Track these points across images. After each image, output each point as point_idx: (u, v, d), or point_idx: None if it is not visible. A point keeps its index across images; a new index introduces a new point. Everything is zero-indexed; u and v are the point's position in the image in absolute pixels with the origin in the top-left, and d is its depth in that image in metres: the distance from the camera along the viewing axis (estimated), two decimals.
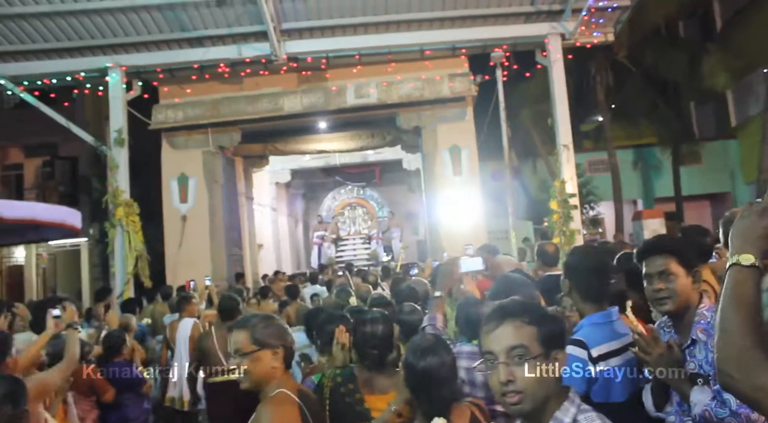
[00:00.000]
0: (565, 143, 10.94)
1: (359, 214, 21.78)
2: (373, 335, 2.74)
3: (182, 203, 12.03)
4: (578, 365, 2.42)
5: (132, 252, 10.39)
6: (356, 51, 11.23)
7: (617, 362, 2.44)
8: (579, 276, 2.64)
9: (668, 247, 2.28)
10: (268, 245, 17.39)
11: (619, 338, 2.51)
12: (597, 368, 2.41)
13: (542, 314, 1.57)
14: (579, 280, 2.64)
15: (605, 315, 2.57)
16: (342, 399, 2.64)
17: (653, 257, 2.27)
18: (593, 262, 2.68)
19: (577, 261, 2.71)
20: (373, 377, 2.74)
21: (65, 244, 17.43)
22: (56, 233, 9.42)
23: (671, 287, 2.21)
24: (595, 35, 11.30)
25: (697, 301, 2.20)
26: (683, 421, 2.17)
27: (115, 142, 10.79)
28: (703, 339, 2.11)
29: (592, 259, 2.72)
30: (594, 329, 2.51)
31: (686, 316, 2.22)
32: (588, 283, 2.61)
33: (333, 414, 2.63)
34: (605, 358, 2.43)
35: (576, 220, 10.76)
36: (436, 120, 12.10)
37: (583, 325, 2.57)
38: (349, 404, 2.62)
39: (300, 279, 12.71)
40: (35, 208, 8.06)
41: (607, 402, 2.40)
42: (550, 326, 1.54)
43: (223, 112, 11.90)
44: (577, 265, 2.68)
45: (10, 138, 18.04)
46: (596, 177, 18.15)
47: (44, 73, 11.01)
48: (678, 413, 2.18)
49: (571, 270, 2.68)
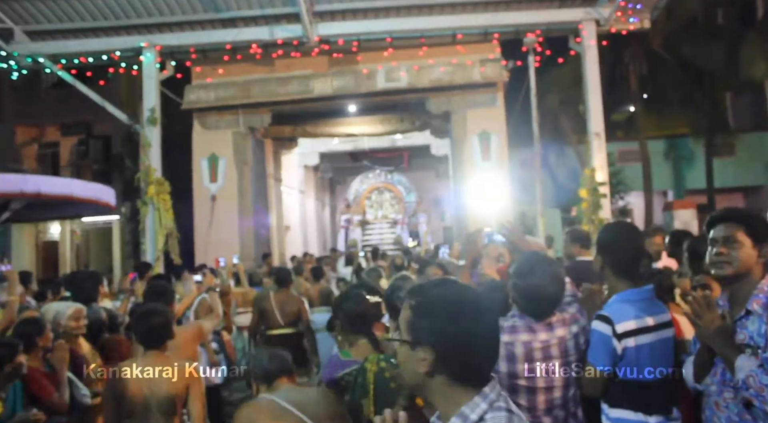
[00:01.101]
0: (596, 131, 10.82)
1: (386, 198, 21.84)
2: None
3: (212, 183, 12.19)
4: (601, 340, 2.42)
5: (162, 229, 10.59)
6: (388, 34, 11.20)
7: (649, 340, 2.42)
8: (612, 251, 2.61)
9: (738, 216, 2.24)
10: (295, 227, 17.54)
11: (653, 315, 2.48)
12: (623, 344, 2.40)
13: None
14: (612, 255, 2.61)
15: (638, 292, 2.54)
16: (387, 384, 2.61)
17: (721, 224, 2.24)
18: (627, 237, 2.65)
19: (611, 236, 2.68)
20: None
21: (98, 221, 17.79)
22: (91, 210, 9.65)
23: (734, 254, 2.18)
24: (631, 22, 11.10)
25: (760, 276, 2.17)
26: (723, 391, 2.16)
27: (148, 121, 10.96)
28: (759, 311, 2.08)
29: (625, 234, 2.69)
30: (623, 305, 2.49)
31: (745, 288, 2.19)
32: (622, 259, 2.59)
33: (379, 399, 2.61)
34: (633, 334, 2.41)
35: (605, 209, 10.65)
36: (466, 105, 12.03)
37: (613, 300, 2.55)
38: (395, 389, 2.57)
39: (326, 261, 12.84)
40: (72, 185, 8.27)
41: (637, 379, 2.41)
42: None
43: (254, 94, 11.98)
44: (610, 241, 2.65)
45: (47, 117, 18.42)
46: (627, 167, 17.88)
47: (81, 52, 11.20)
48: (719, 384, 2.17)
49: (604, 245, 2.66)
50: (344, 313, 3.16)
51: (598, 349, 2.44)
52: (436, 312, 1.34)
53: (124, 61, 11.55)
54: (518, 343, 2.45)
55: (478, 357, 1.34)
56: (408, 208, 21.43)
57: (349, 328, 3.14)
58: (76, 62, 11.36)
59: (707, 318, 2.13)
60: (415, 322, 1.36)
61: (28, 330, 3.68)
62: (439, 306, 1.34)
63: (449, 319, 1.32)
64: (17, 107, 18.02)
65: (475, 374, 1.35)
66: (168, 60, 11.48)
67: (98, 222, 17.93)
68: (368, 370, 2.66)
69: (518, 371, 2.45)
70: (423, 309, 1.36)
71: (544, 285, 2.46)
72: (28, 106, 17.74)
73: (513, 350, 2.45)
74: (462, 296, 1.36)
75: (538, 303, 2.49)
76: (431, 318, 1.34)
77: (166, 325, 3.37)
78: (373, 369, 2.66)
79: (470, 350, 1.32)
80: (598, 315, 2.48)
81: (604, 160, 10.93)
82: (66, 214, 10.53)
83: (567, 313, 2.58)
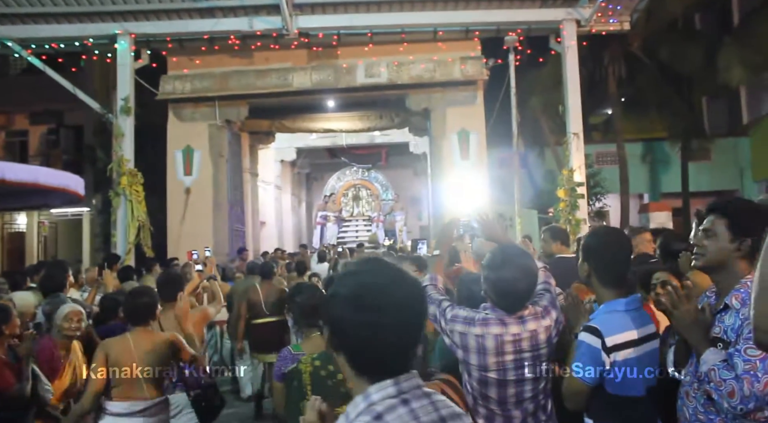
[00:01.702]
0: (575, 131, 10.84)
1: (363, 195, 21.72)
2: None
3: (186, 176, 11.96)
4: (588, 352, 2.32)
5: (134, 221, 10.36)
6: (368, 29, 11.09)
7: (636, 354, 2.33)
8: (600, 259, 2.49)
9: (723, 209, 2.17)
10: (271, 223, 17.34)
11: (639, 328, 2.39)
12: (611, 358, 2.30)
13: None
14: (599, 263, 2.49)
15: (626, 302, 2.43)
16: (324, 382, 2.59)
17: (709, 215, 2.20)
18: (616, 244, 2.53)
19: (599, 242, 2.55)
20: None
21: (67, 212, 17.38)
22: (59, 199, 9.36)
23: (707, 245, 2.14)
24: (612, 23, 11.15)
25: (746, 271, 2.09)
26: (694, 382, 2.12)
27: (122, 111, 10.70)
28: (737, 307, 2.03)
29: (614, 240, 2.56)
30: (612, 317, 2.39)
31: (726, 281, 2.13)
32: (610, 267, 2.48)
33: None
34: (623, 347, 2.32)
35: (582, 210, 10.68)
36: (445, 103, 11.98)
37: (601, 311, 2.45)
38: (332, 387, 2.57)
39: (296, 258, 12.68)
40: (38, 172, 7.98)
41: (624, 395, 2.32)
42: None
43: (231, 86, 11.79)
44: (597, 247, 2.52)
45: (16, 104, 17.87)
46: (604, 169, 18.01)
47: (52, 38, 10.88)
48: (692, 374, 2.12)
49: (591, 252, 2.52)
50: (297, 305, 3.19)
51: (585, 361, 2.33)
52: (337, 299, 1.32)
53: (98, 49, 11.29)
54: (489, 335, 2.41)
55: (374, 348, 1.28)
56: (384, 206, 21.34)
57: (303, 320, 3.16)
58: (47, 48, 11.04)
59: (682, 309, 2.09)
60: (325, 309, 1.36)
61: None
62: (342, 293, 1.31)
63: (347, 307, 1.29)
64: None
65: (370, 366, 1.30)
66: (143, 48, 11.22)
67: (68, 213, 17.52)
68: (303, 372, 2.64)
69: (489, 364, 2.41)
70: (331, 296, 1.35)
71: (515, 278, 2.41)
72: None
73: (484, 343, 2.41)
74: (369, 284, 1.30)
75: (510, 296, 2.45)
76: (333, 307, 1.32)
77: (151, 305, 3.71)
78: (308, 369, 2.64)
79: (364, 340, 1.28)
80: (587, 326, 2.38)
81: (582, 160, 10.95)
82: (33, 204, 10.20)
83: (539, 306, 2.53)
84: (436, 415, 1.29)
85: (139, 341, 3.54)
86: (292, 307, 3.26)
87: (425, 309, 1.41)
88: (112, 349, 3.50)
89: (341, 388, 2.57)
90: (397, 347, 1.29)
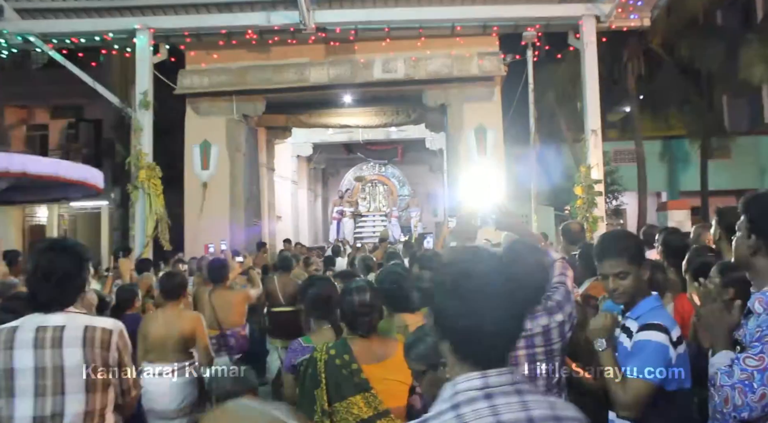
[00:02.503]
0: (593, 128, 10.74)
1: (380, 191, 21.71)
2: (362, 303, 2.69)
3: (204, 170, 12.01)
4: (657, 350, 2.21)
5: (152, 215, 10.43)
6: (386, 24, 11.06)
7: (684, 347, 2.30)
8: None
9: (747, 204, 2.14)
10: (287, 218, 17.40)
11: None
12: (676, 352, 2.23)
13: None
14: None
15: (657, 297, 2.43)
16: (338, 371, 2.57)
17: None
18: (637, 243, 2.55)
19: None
20: (368, 346, 2.68)
21: (86, 206, 17.57)
22: (78, 192, 9.46)
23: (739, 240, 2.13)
24: (632, 19, 11.01)
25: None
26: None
27: (140, 105, 10.78)
28: (759, 310, 1.98)
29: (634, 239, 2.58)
30: (662, 311, 2.38)
31: (757, 282, 2.08)
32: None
33: (330, 387, 2.56)
34: (679, 342, 2.26)
35: (600, 207, 10.58)
36: (463, 98, 11.91)
37: (651, 306, 2.36)
38: (347, 376, 2.55)
39: (317, 253, 12.73)
40: (59, 165, 8.09)
41: (681, 389, 2.26)
42: None
43: (249, 80, 11.81)
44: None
45: (37, 98, 18.14)
46: (621, 167, 17.86)
47: (73, 32, 10.98)
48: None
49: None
50: (309, 298, 3.18)
51: (656, 362, 2.19)
52: (439, 288, 1.31)
53: (117, 43, 11.36)
54: None
55: (474, 337, 1.27)
56: (401, 202, 21.31)
57: (314, 313, 3.17)
58: (67, 42, 11.14)
59: (709, 308, 2.10)
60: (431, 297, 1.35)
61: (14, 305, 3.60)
62: (444, 282, 1.31)
63: (448, 295, 1.29)
64: (5, 88, 17.70)
65: (470, 355, 1.28)
66: (162, 43, 11.29)
67: (87, 207, 17.71)
68: (318, 360, 2.61)
69: None
70: (434, 286, 1.34)
71: (528, 273, 2.38)
72: (17, 86, 17.39)
73: None
74: (470, 272, 1.29)
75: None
76: (436, 295, 1.32)
77: (182, 284, 4.53)
78: (323, 357, 2.61)
79: (465, 329, 1.27)
80: (651, 324, 2.26)
81: (600, 157, 10.84)
82: (53, 197, 10.32)
83: (552, 300, 2.51)
84: (524, 414, 1.22)
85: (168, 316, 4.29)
86: (304, 300, 3.26)
87: (526, 298, 1.40)
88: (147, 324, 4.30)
89: (355, 378, 2.56)
90: (496, 337, 1.27)
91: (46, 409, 2.24)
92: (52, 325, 2.31)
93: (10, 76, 17.42)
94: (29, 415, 2.23)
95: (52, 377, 2.26)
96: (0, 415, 2.24)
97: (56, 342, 2.29)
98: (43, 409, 2.24)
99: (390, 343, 2.76)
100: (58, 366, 2.27)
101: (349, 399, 2.55)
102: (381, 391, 2.56)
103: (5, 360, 2.26)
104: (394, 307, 3.27)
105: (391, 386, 2.62)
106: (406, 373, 2.75)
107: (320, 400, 2.54)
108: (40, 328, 2.30)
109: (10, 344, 2.27)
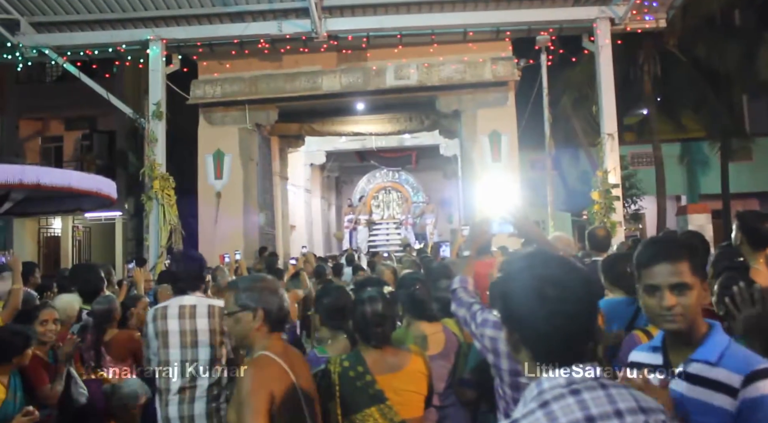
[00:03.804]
0: (609, 132, 10.56)
1: (394, 198, 21.61)
2: (374, 313, 2.64)
3: (217, 179, 12.01)
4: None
5: (166, 225, 10.43)
6: (398, 31, 11.00)
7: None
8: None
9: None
10: (300, 226, 17.35)
11: None
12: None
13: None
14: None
15: (720, 326, 2.32)
16: (353, 383, 2.55)
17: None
18: None
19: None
20: (382, 356, 2.64)
21: (100, 217, 17.66)
22: (92, 203, 9.46)
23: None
24: (647, 20, 10.85)
25: None
26: None
27: (153, 115, 10.80)
28: None
29: None
30: (743, 348, 2.12)
31: None
32: None
33: (345, 399, 2.53)
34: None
35: (618, 212, 10.40)
36: (476, 104, 11.81)
37: (723, 343, 1.77)
38: (361, 388, 2.53)
39: (330, 261, 12.63)
40: (72, 176, 8.07)
41: None
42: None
43: (261, 89, 11.80)
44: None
45: (51, 111, 18.31)
46: (639, 171, 17.61)
47: (87, 44, 11.06)
48: None
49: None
50: (324, 307, 3.13)
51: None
52: (515, 295, 1.37)
53: (130, 55, 11.42)
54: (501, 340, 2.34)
55: (555, 339, 1.32)
56: (415, 209, 21.19)
57: (329, 323, 3.11)
58: (81, 55, 11.22)
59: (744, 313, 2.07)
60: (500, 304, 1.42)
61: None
62: (519, 288, 1.36)
63: (526, 301, 1.34)
64: (21, 101, 17.90)
65: (552, 357, 1.32)
66: (174, 54, 11.32)
67: (101, 218, 17.81)
68: (332, 372, 2.59)
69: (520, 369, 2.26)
70: (506, 294, 1.40)
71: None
72: (32, 99, 17.62)
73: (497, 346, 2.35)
74: (546, 276, 1.34)
75: None
76: (511, 303, 1.39)
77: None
78: (336, 370, 2.59)
79: (545, 332, 1.32)
80: (762, 372, 1.63)
81: (617, 161, 10.66)
82: (67, 208, 10.34)
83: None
84: (611, 407, 1.24)
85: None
86: (318, 309, 3.19)
87: (598, 297, 1.42)
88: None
89: (370, 390, 2.53)
90: (575, 336, 1.32)
91: (187, 355, 3.34)
92: (188, 304, 3.45)
93: (26, 89, 17.64)
94: (178, 359, 3.33)
95: (190, 335, 3.37)
96: (160, 359, 3.36)
97: (192, 314, 3.42)
98: (185, 355, 3.34)
99: (404, 353, 2.72)
100: (193, 329, 3.39)
101: (364, 411, 2.54)
102: (396, 402, 2.55)
103: (162, 325, 3.39)
104: (413, 314, 3.21)
105: (406, 397, 2.61)
106: (421, 383, 2.70)
107: (333, 412, 2.52)
108: (181, 306, 3.44)
109: (165, 314, 3.41)
